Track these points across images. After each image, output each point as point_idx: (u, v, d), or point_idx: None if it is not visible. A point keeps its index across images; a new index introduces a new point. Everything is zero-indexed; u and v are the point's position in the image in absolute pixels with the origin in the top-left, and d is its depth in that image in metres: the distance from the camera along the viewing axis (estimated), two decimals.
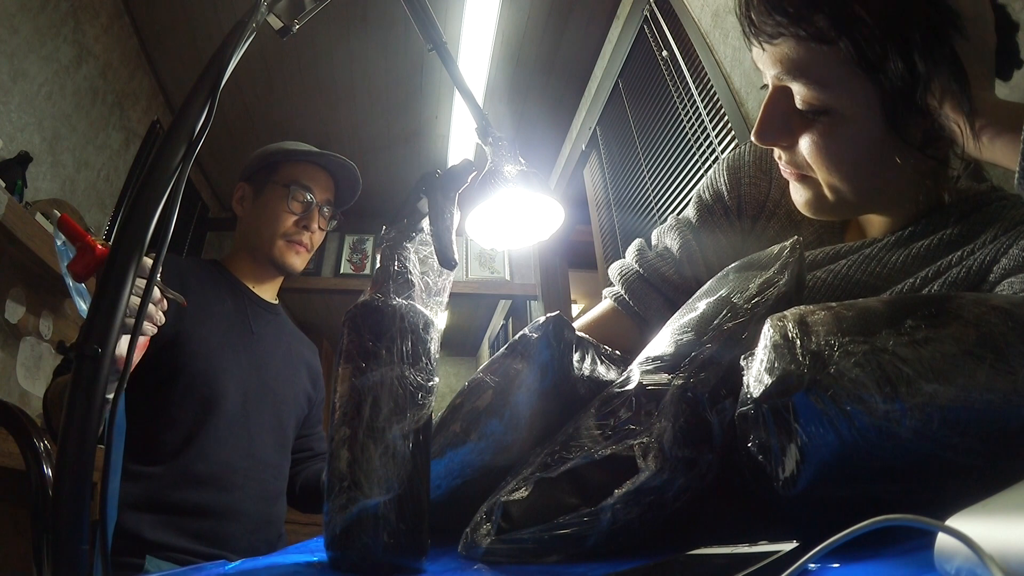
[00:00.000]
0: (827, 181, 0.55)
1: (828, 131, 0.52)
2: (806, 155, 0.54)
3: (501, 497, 0.38)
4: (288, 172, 1.19)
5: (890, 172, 0.53)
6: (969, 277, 0.50)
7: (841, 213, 0.59)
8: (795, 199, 0.60)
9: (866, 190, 0.55)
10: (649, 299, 0.71)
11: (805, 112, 0.52)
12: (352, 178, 1.26)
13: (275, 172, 1.20)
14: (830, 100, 0.50)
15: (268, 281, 1.24)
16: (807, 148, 0.54)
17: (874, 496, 0.31)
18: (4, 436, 1.19)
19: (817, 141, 0.53)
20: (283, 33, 0.64)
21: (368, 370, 0.38)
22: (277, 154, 1.21)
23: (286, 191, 1.17)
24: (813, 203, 0.58)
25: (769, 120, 0.55)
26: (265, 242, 1.18)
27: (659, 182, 1.83)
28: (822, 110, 0.51)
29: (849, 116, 0.51)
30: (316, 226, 1.21)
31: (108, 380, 0.37)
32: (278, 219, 1.17)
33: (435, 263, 0.48)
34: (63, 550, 0.32)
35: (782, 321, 0.33)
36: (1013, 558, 0.17)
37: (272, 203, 1.18)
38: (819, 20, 0.48)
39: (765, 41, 0.52)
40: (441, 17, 0.94)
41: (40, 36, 1.83)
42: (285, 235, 1.18)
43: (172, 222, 0.43)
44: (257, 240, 1.19)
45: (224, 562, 0.41)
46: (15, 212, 1.53)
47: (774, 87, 0.55)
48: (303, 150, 1.21)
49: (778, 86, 0.54)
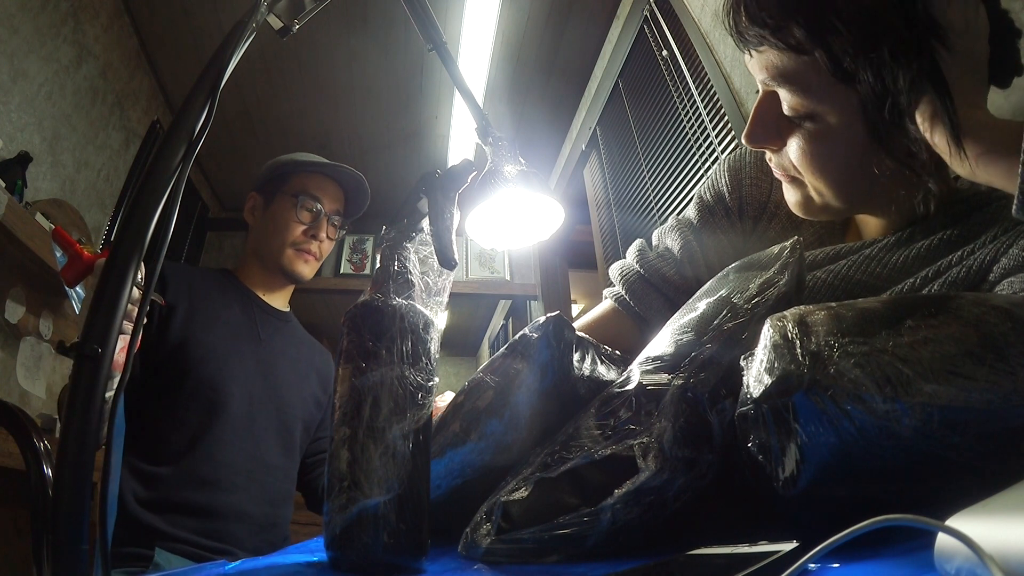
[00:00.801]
0: (813, 184, 0.56)
1: (813, 136, 0.53)
2: (792, 159, 0.56)
3: (501, 497, 0.38)
4: (298, 182, 1.23)
5: (875, 177, 0.53)
6: (969, 277, 0.50)
7: (830, 214, 0.60)
8: (787, 199, 0.62)
9: (851, 194, 0.56)
10: (650, 299, 0.71)
11: (791, 117, 0.54)
12: (361, 189, 1.29)
13: (285, 182, 1.23)
14: (813, 106, 0.51)
15: (278, 289, 1.27)
16: (793, 152, 0.55)
17: (874, 496, 0.31)
18: (4, 436, 1.19)
19: (802, 146, 0.54)
20: (283, 33, 0.65)
21: (368, 370, 0.38)
22: (288, 165, 1.25)
23: (295, 201, 1.21)
24: (802, 204, 0.59)
25: (758, 123, 0.56)
26: (275, 251, 1.21)
27: (659, 182, 1.83)
28: (806, 116, 0.52)
29: (832, 123, 0.51)
30: (324, 235, 1.24)
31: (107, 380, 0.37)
32: (287, 228, 1.20)
33: (435, 263, 0.48)
34: (63, 550, 0.32)
35: (782, 321, 0.33)
36: (1013, 558, 0.17)
37: (281, 212, 1.21)
38: (795, 31, 0.48)
39: (751, 48, 0.53)
40: (441, 17, 0.94)
41: (40, 36, 1.83)
42: (294, 244, 1.21)
43: (172, 222, 0.43)
44: (267, 249, 1.22)
45: (224, 562, 0.41)
46: (15, 212, 1.53)
47: (764, 91, 0.56)
48: (313, 161, 1.25)
49: (767, 90, 0.55)
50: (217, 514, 0.99)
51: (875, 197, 0.57)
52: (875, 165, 0.51)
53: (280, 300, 1.28)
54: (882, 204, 0.58)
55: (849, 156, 0.52)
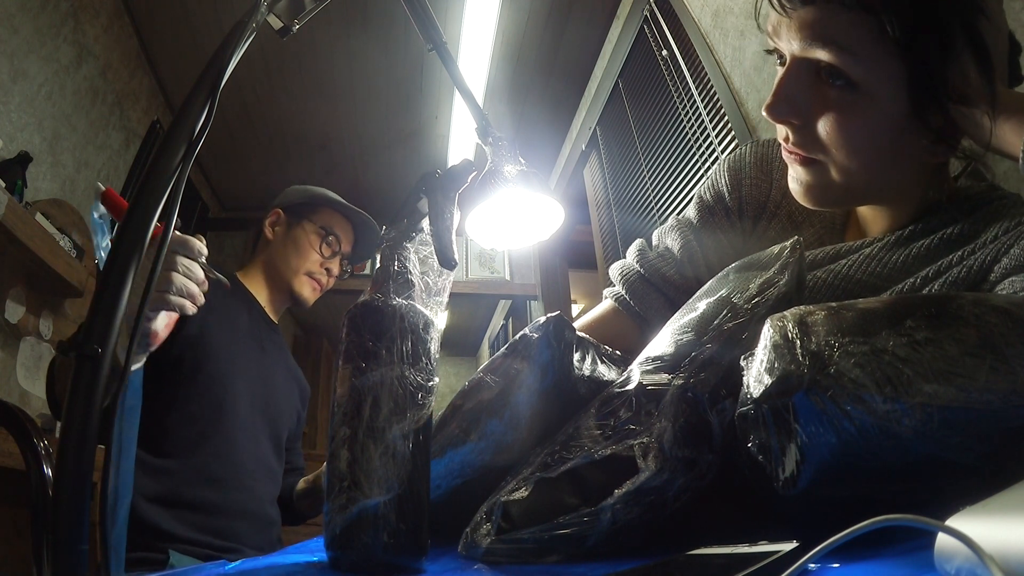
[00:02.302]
0: (840, 162, 0.53)
1: (851, 108, 0.50)
2: (823, 132, 0.52)
3: (501, 497, 0.38)
4: (326, 217, 1.31)
5: (903, 161, 0.52)
6: (970, 277, 0.50)
7: (842, 201, 0.58)
8: (794, 187, 0.58)
9: (874, 176, 0.54)
10: (650, 299, 0.71)
11: (831, 84, 0.50)
12: (372, 238, 1.36)
13: (315, 212, 1.31)
14: (859, 72, 0.49)
15: (278, 305, 1.32)
16: (826, 125, 0.51)
17: (875, 496, 0.31)
18: (4, 436, 1.19)
19: (838, 118, 0.51)
20: (283, 33, 0.64)
21: (368, 370, 0.38)
22: (320, 198, 1.32)
23: (323, 233, 1.28)
24: (814, 189, 0.56)
25: (784, 93, 0.52)
26: (290, 271, 1.27)
27: (659, 182, 1.83)
28: (849, 82, 0.49)
29: (874, 95, 0.49)
30: (335, 271, 1.32)
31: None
32: (308, 256, 1.27)
33: (435, 263, 0.48)
34: (63, 550, 0.32)
35: (782, 321, 0.33)
36: (1013, 558, 0.17)
37: (306, 239, 1.28)
38: None
39: (794, 7, 0.50)
40: (441, 17, 0.94)
41: (40, 36, 1.83)
42: (309, 272, 1.27)
43: (172, 222, 0.43)
44: (283, 267, 1.27)
45: (224, 562, 0.41)
46: (15, 212, 1.53)
47: (793, 59, 0.52)
48: (343, 202, 1.33)
49: (798, 59, 0.52)
50: (226, 512, 1.01)
51: (891, 186, 0.56)
52: (907, 145, 0.50)
53: (276, 314, 1.33)
54: (894, 194, 0.57)
55: (886, 133, 0.50)
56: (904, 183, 0.56)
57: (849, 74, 0.49)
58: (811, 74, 0.51)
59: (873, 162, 0.52)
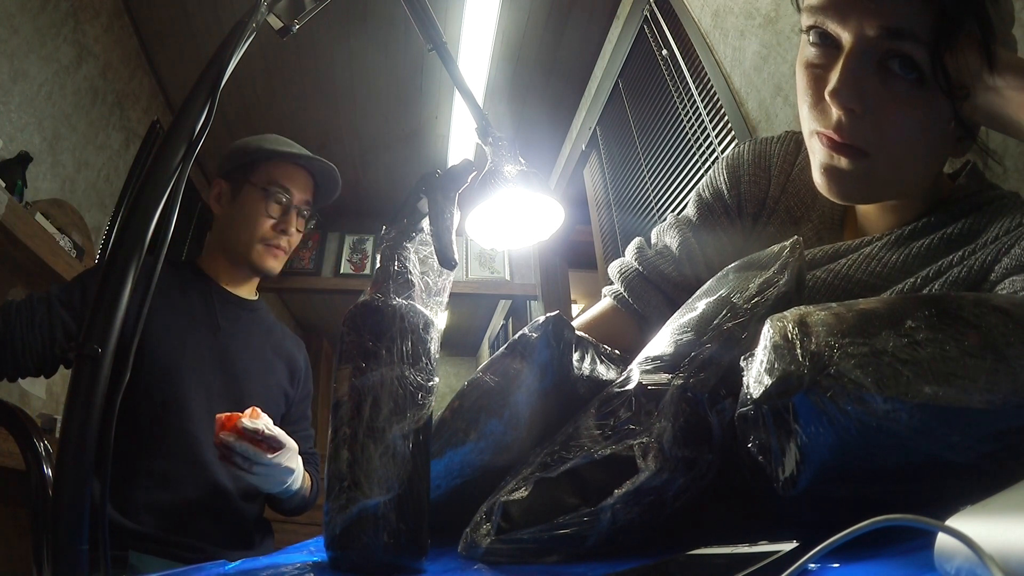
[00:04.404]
0: (893, 156, 0.52)
1: (917, 103, 0.49)
2: (884, 125, 0.50)
3: (501, 497, 0.38)
4: (267, 172, 1.16)
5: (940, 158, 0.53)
6: (970, 277, 0.50)
7: (874, 196, 0.57)
8: (822, 179, 0.55)
9: (917, 174, 0.54)
10: (649, 297, 0.71)
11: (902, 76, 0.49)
12: (331, 177, 1.23)
13: (253, 172, 1.17)
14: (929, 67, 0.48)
15: (244, 281, 1.22)
16: (889, 117, 0.50)
17: (874, 496, 0.31)
18: (4, 436, 1.19)
19: (905, 112, 0.50)
20: (283, 33, 0.64)
21: (368, 370, 0.38)
22: (256, 153, 1.17)
23: (265, 193, 1.15)
24: (851, 180, 0.54)
25: (854, 77, 0.50)
26: (243, 245, 1.16)
27: (659, 182, 1.83)
28: (921, 76, 0.48)
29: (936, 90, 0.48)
30: (294, 229, 1.19)
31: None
32: (256, 223, 1.15)
33: (435, 263, 0.48)
34: (63, 550, 0.32)
35: (782, 321, 0.33)
36: (1013, 558, 0.17)
37: (250, 205, 1.15)
38: None
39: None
40: (441, 17, 0.94)
41: (40, 36, 1.83)
42: (263, 239, 1.16)
43: (172, 222, 0.43)
44: (235, 242, 1.17)
45: (224, 562, 0.41)
46: (15, 212, 1.53)
47: (857, 44, 0.50)
48: (282, 151, 1.18)
49: (863, 44, 0.50)
50: (184, 511, 0.97)
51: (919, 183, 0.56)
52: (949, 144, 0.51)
53: (246, 290, 1.23)
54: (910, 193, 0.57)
55: (940, 130, 0.50)
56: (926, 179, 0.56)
57: (923, 68, 0.48)
58: (875, 61, 0.50)
59: (921, 159, 0.52)
